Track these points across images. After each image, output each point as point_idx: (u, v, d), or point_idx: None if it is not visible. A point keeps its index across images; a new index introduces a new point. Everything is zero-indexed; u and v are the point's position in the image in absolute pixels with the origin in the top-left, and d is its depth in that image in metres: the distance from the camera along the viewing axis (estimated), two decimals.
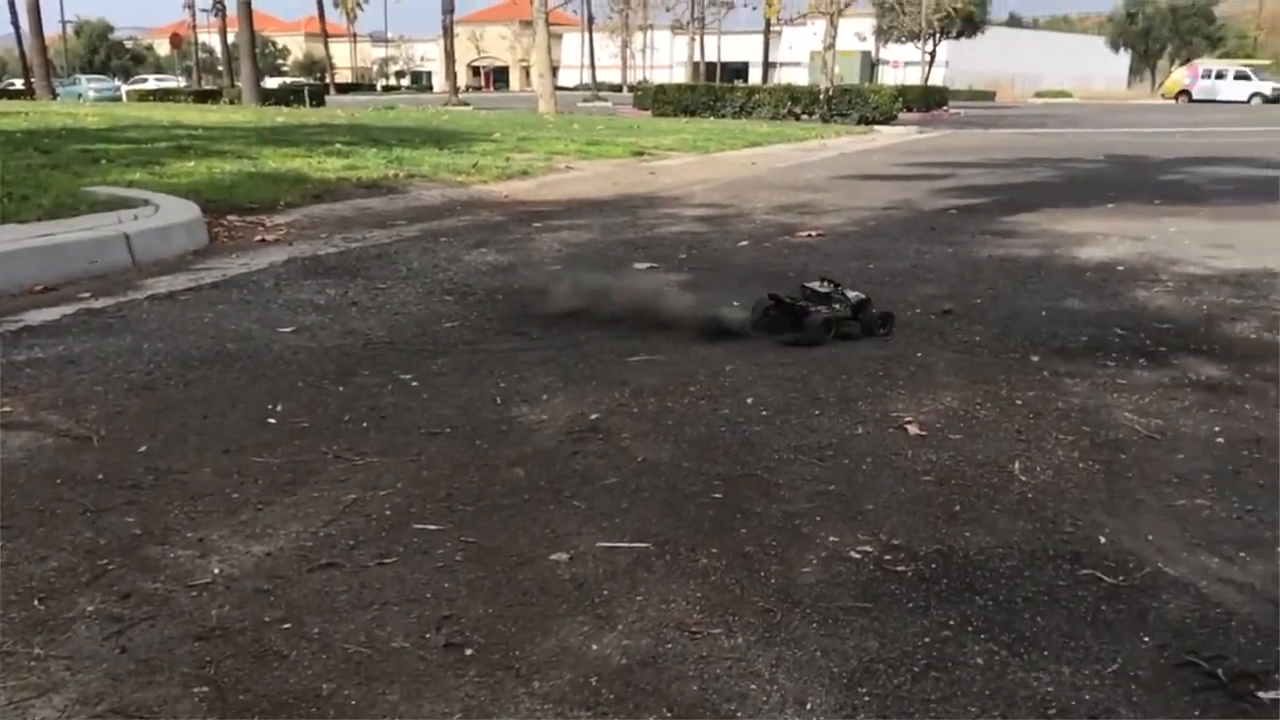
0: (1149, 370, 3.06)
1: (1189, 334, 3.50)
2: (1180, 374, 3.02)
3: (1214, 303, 4.00)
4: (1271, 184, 9.20)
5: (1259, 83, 48.81)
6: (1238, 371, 3.04)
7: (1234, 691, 1.43)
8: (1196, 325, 3.63)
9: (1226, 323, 3.67)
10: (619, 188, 8.62)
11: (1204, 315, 3.79)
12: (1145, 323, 3.66)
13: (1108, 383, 2.93)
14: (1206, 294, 4.17)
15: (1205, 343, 3.38)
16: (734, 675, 1.47)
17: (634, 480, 2.20)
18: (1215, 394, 2.82)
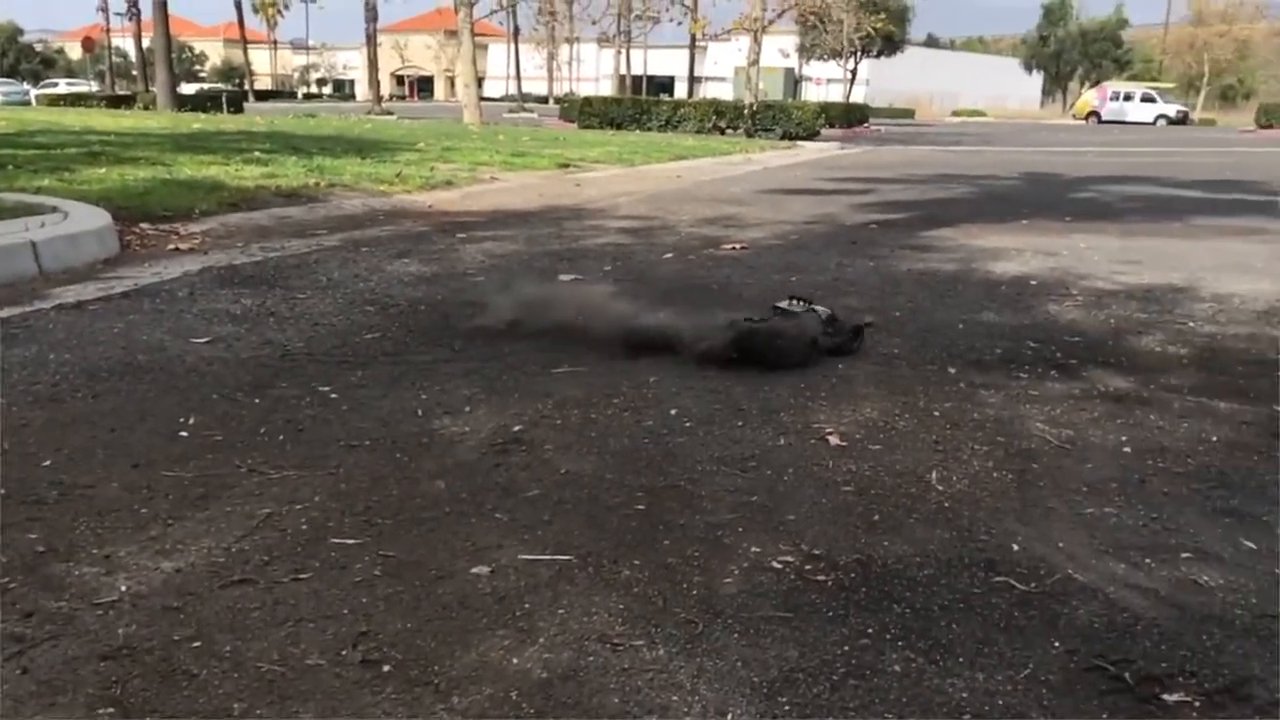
0: (1060, 382, 3.14)
1: (1098, 347, 3.60)
2: (1089, 386, 3.11)
3: (1121, 317, 4.13)
4: (1176, 203, 9.54)
5: (1164, 105, 50.68)
6: (1143, 383, 3.14)
7: (1140, 694, 1.47)
8: (1105, 338, 3.74)
9: (1133, 336, 3.79)
10: (544, 199, 8.60)
11: (1112, 329, 3.90)
12: (1057, 336, 3.76)
13: (1021, 394, 3.01)
14: (1114, 308, 4.30)
15: (1113, 355, 3.48)
16: (655, 687, 1.47)
17: (557, 492, 2.18)
18: (1122, 405, 2.91)
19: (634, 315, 3.60)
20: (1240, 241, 6.55)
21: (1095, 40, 74.14)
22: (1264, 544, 2.00)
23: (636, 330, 3.42)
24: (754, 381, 3.03)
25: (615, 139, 18.31)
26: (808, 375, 3.13)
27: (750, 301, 4.10)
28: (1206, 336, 3.79)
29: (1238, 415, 2.82)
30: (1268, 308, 4.33)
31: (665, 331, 3.38)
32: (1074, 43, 74.54)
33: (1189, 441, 2.61)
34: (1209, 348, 3.61)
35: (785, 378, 3.08)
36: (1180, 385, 3.13)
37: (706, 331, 3.32)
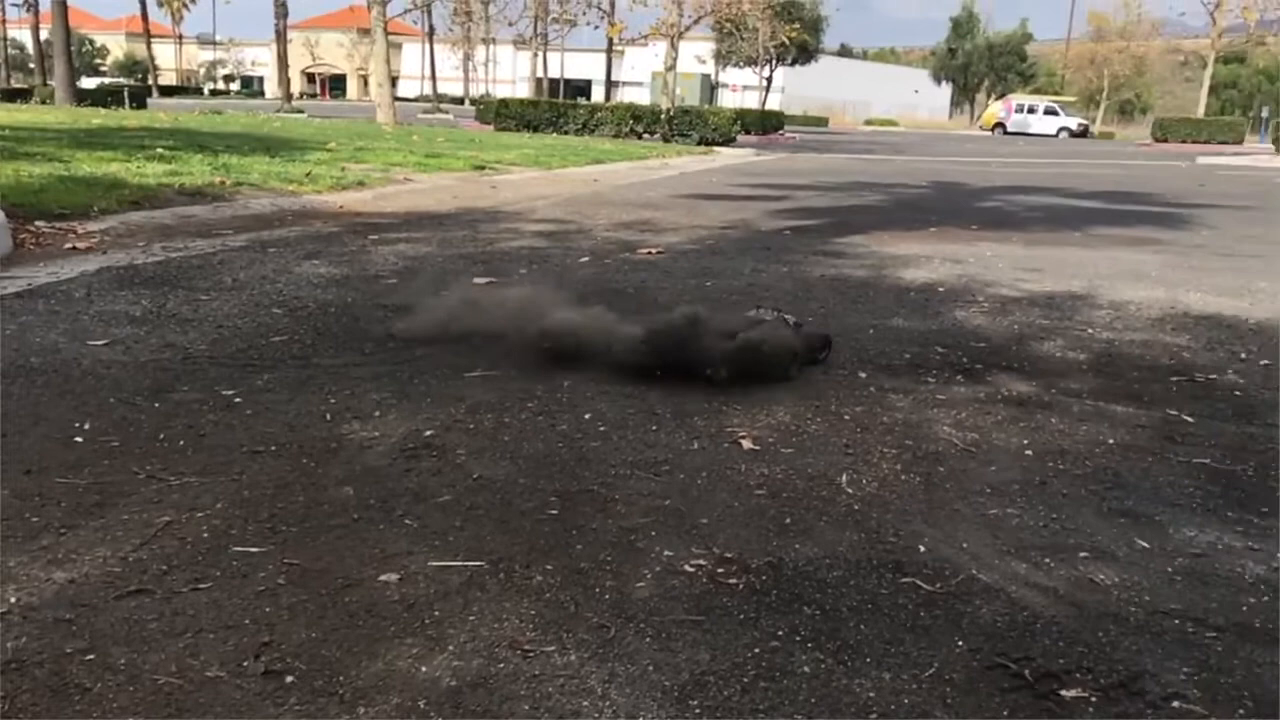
0: (966, 386, 3.22)
1: (1002, 352, 3.70)
2: (994, 390, 3.19)
3: (1024, 323, 4.25)
4: (1076, 213, 9.86)
5: (1065, 118, 52.43)
6: (1045, 387, 3.23)
7: (1039, 691, 1.51)
8: (1009, 344, 3.84)
9: (1035, 342, 3.90)
10: (459, 201, 8.52)
11: (1015, 335, 4.01)
12: (963, 341, 3.85)
13: (929, 398, 3.07)
14: (1018, 314, 4.42)
15: (1016, 360, 3.58)
16: (566, 693, 1.46)
17: (469, 498, 2.16)
18: (1024, 409, 2.99)
19: (571, 319, 3.51)
20: (1136, 251, 6.80)
21: (1001, 54, 76.30)
22: (1156, 543, 2.07)
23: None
24: (668, 386, 3.04)
25: (532, 142, 18.24)
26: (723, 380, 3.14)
27: (666, 307, 4.11)
28: (1104, 342, 3.92)
29: (1133, 419, 2.92)
30: (1161, 315, 4.50)
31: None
32: (981, 56, 76.61)
33: (1087, 444, 2.69)
34: (1106, 353, 3.74)
35: (700, 382, 3.09)
36: (1079, 390, 3.23)
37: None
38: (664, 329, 3.23)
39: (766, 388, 3.08)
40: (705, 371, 3.05)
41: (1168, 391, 3.23)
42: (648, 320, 3.41)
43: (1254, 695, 1.52)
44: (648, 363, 3.09)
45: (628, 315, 3.64)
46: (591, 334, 3.31)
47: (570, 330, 3.32)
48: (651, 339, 3.17)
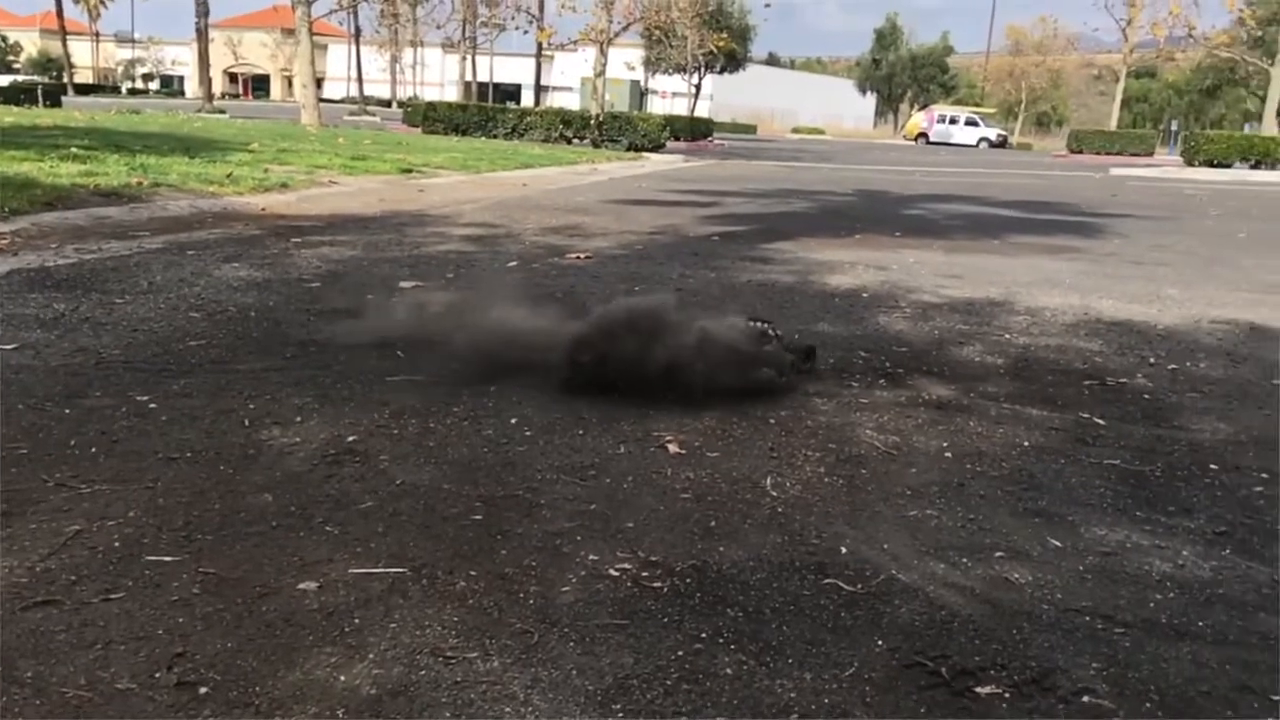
0: (888, 390, 3.27)
1: (923, 357, 3.77)
2: (915, 394, 3.25)
3: (945, 328, 4.34)
4: (995, 221, 10.10)
5: (986, 129, 53.68)
6: (964, 391, 3.30)
7: (955, 688, 1.54)
8: (930, 349, 3.92)
9: (955, 346, 3.98)
10: (386, 204, 8.42)
11: (936, 340, 4.09)
12: (886, 346, 3.91)
13: (852, 402, 3.12)
14: (938, 320, 4.51)
15: (937, 365, 3.65)
16: (489, 699, 1.45)
17: (391, 504, 2.13)
18: (944, 412, 3.05)
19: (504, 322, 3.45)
20: (1052, 259, 6.98)
21: (923, 65, 77.91)
22: (1068, 542, 2.12)
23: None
24: (595, 390, 3.03)
25: (460, 145, 18.11)
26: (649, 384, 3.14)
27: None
28: (1021, 347, 4.02)
29: (1047, 421, 3.00)
30: (1075, 321, 4.63)
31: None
32: (904, 67, 78.12)
33: (1004, 446, 2.75)
34: (1023, 358, 3.83)
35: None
36: (997, 393, 3.30)
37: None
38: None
39: (690, 392, 3.09)
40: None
41: (1080, 395, 3.33)
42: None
43: (1160, 689, 1.56)
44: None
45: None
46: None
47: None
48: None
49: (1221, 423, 3.07)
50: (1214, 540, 2.17)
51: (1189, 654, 1.68)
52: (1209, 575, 1.99)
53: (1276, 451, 2.80)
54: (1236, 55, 39.71)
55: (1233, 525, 2.25)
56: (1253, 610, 1.85)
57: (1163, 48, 43.67)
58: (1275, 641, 1.73)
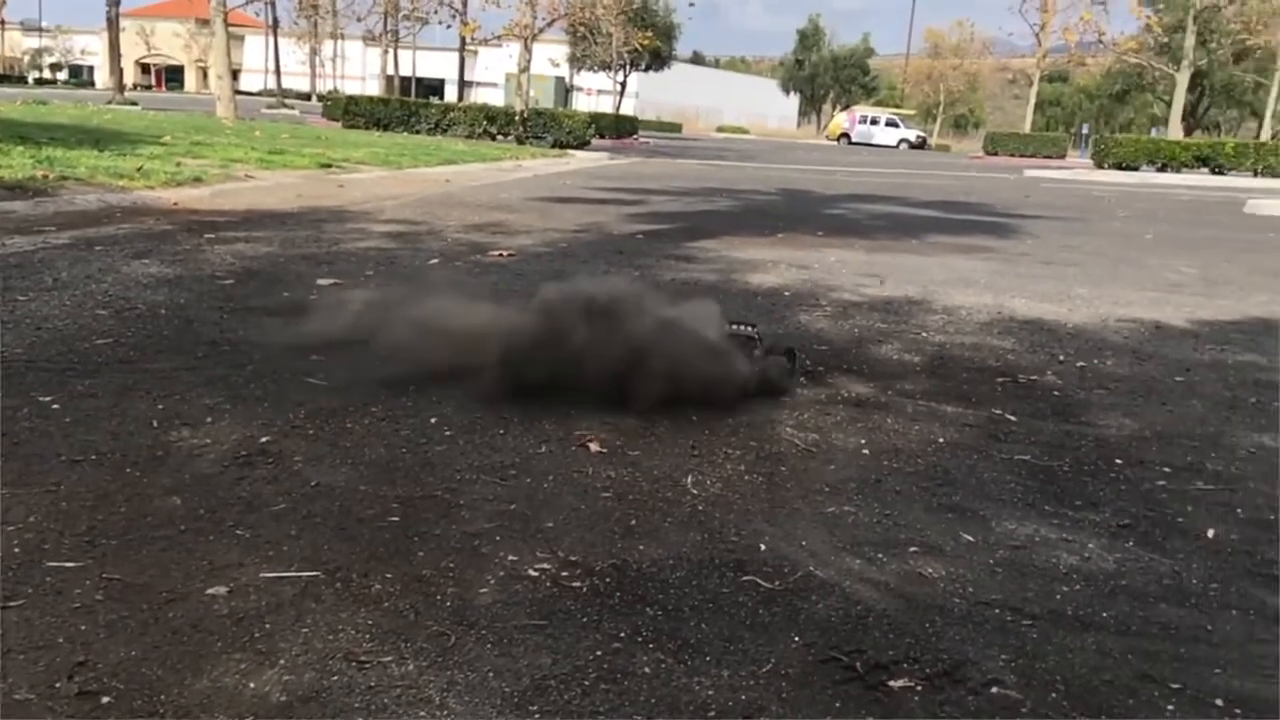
0: (808, 388, 3.31)
1: (843, 355, 3.82)
2: (835, 391, 3.29)
3: (864, 326, 4.40)
4: (914, 221, 10.29)
5: (906, 130, 54.72)
6: (882, 389, 3.35)
7: (869, 682, 1.56)
8: (849, 347, 3.97)
9: (874, 344, 4.04)
10: (304, 200, 8.26)
11: (856, 338, 4.15)
12: (807, 344, 3.95)
13: (773, 400, 3.14)
14: (858, 318, 4.58)
15: (856, 363, 3.70)
16: (403, 703, 1.43)
17: (305, 506, 2.09)
18: (863, 409, 3.10)
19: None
20: (967, 258, 7.14)
21: (845, 66, 79.03)
22: (980, 536, 2.17)
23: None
24: (517, 388, 3.01)
25: (382, 140, 17.86)
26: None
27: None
28: (937, 345, 4.10)
29: (961, 418, 3.06)
30: (989, 319, 4.73)
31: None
32: (826, 68, 79.15)
33: (919, 443, 2.80)
34: (939, 356, 3.91)
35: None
36: (914, 390, 3.36)
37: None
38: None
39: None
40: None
41: (994, 392, 3.40)
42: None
43: (1065, 680, 1.61)
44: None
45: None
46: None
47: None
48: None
49: (1127, 418, 3.17)
50: (1118, 533, 2.23)
51: (1093, 644, 1.72)
52: (1113, 567, 2.05)
53: (1178, 447, 2.90)
54: (1144, 61, 41.04)
55: (1136, 518, 2.32)
56: (1154, 601, 1.91)
57: (1074, 53, 44.86)
58: (1175, 631, 1.79)
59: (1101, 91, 65.64)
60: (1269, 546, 2.20)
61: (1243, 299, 5.78)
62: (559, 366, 2.91)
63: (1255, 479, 2.65)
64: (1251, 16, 37.31)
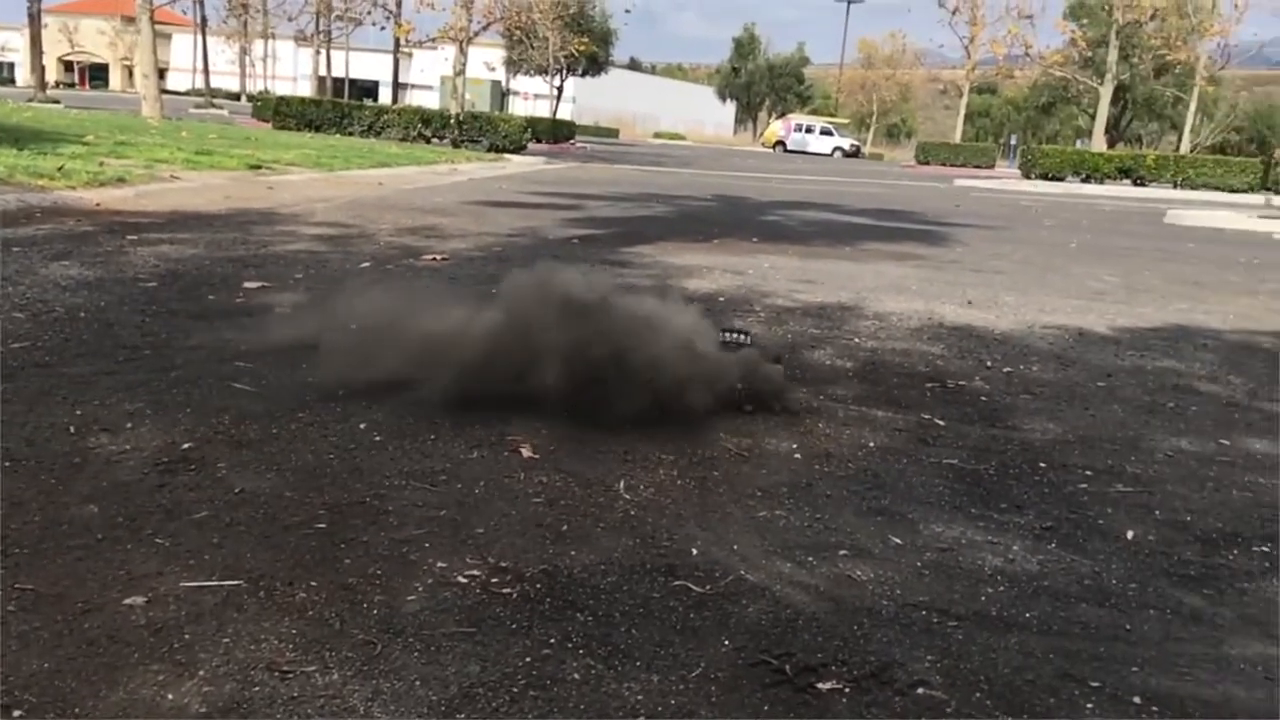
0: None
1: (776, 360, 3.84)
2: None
3: (797, 332, 4.44)
4: (847, 229, 10.42)
5: (840, 139, 55.37)
6: (814, 393, 3.38)
7: (797, 685, 1.57)
8: (783, 352, 3.99)
9: (807, 350, 4.08)
10: (232, 202, 8.10)
11: (789, 343, 4.18)
12: None
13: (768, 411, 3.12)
14: (792, 324, 4.62)
15: (789, 368, 3.71)
16: (327, 713, 1.40)
17: (228, 513, 2.04)
18: (794, 414, 3.12)
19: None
20: (899, 265, 7.24)
21: (781, 75, 79.78)
22: (908, 539, 2.20)
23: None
24: (450, 394, 2.97)
25: (313, 142, 17.59)
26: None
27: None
28: (869, 351, 4.15)
29: (891, 423, 3.10)
30: (919, 325, 4.81)
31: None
32: (762, 76, 79.82)
33: (850, 447, 2.83)
34: (870, 361, 3.96)
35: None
36: (845, 395, 3.40)
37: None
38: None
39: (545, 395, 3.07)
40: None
41: (923, 397, 3.45)
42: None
43: (989, 679, 1.63)
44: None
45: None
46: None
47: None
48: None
49: (1051, 423, 3.24)
50: (1041, 535, 2.28)
51: (1016, 645, 1.75)
52: (1036, 569, 2.09)
53: (1099, 450, 2.97)
54: (1069, 75, 42.10)
55: (1059, 520, 2.37)
56: (1075, 601, 1.95)
57: (1002, 65, 45.91)
58: (1095, 630, 1.83)
59: (1029, 103, 67.16)
60: (1185, 547, 2.26)
61: (1162, 306, 5.94)
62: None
63: (1173, 481, 2.72)
64: (1171, 33, 38.48)
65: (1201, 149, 44.57)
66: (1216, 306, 6.06)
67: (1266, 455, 3.03)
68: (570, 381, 2.81)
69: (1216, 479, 2.77)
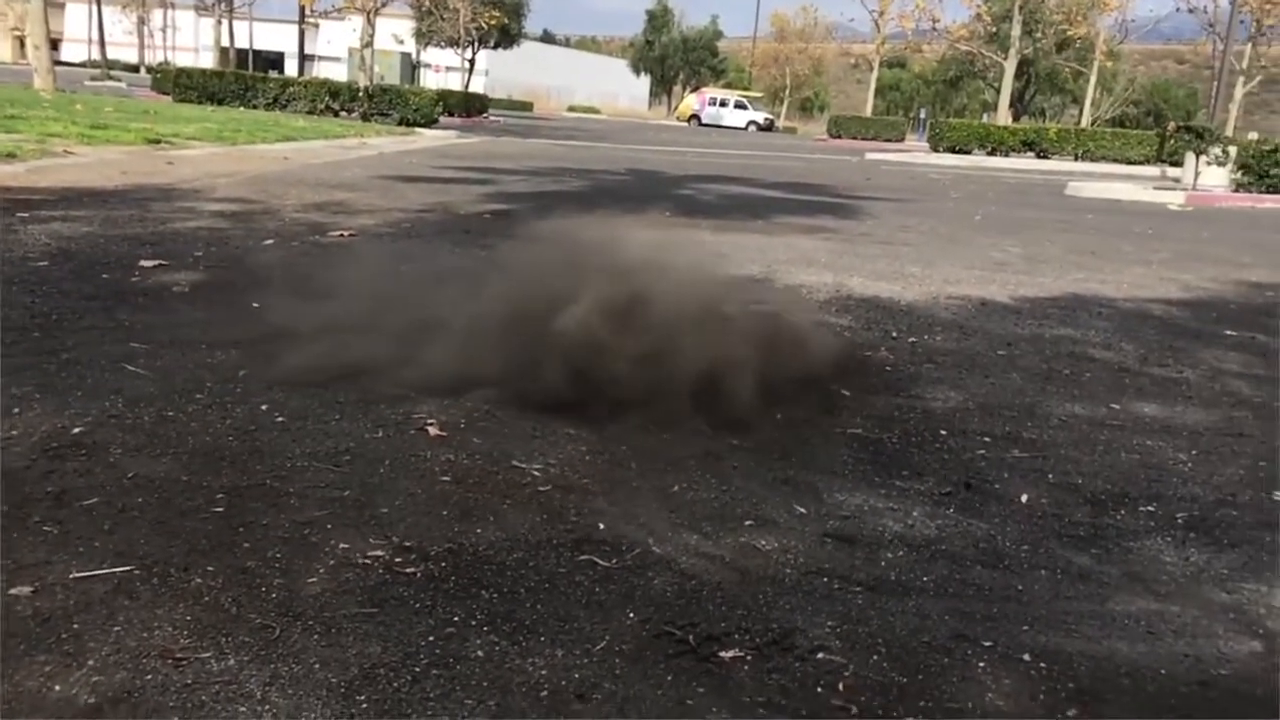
0: None
1: None
2: None
3: None
4: (760, 202, 10.49)
5: (754, 113, 55.63)
6: None
7: (701, 654, 1.59)
8: None
9: None
10: (129, 177, 7.82)
11: None
12: None
13: None
14: None
15: None
16: (222, 700, 1.38)
17: (121, 499, 1.99)
18: None
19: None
20: (810, 238, 7.32)
21: (694, 48, 79.73)
22: (812, 508, 2.24)
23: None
24: (351, 373, 2.93)
25: (216, 115, 17.07)
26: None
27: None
28: None
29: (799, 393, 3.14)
30: (828, 297, 4.87)
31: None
32: (676, 49, 79.67)
33: (758, 419, 2.86)
34: None
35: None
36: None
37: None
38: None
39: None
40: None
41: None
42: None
43: (887, 642, 1.67)
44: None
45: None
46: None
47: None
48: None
49: (953, 391, 3.32)
50: (940, 500, 2.34)
51: (914, 607, 1.80)
52: (934, 533, 2.15)
53: (998, 417, 3.05)
54: (975, 49, 42.87)
55: (957, 486, 2.44)
56: (970, 564, 2.01)
57: (910, 40, 46.56)
58: (989, 591, 1.89)
59: (937, 77, 68.22)
60: (1076, 509, 2.35)
61: (1060, 276, 6.12)
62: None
63: (1066, 446, 2.82)
64: (1072, 8, 39.49)
65: (1101, 122, 45.83)
66: (1112, 276, 6.27)
67: (1155, 418, 3.15)
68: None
69: (1107, 442, 2.87)
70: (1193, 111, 50.94)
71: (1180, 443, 2.91)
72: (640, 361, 2.81)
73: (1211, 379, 3.71)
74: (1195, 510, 2.39)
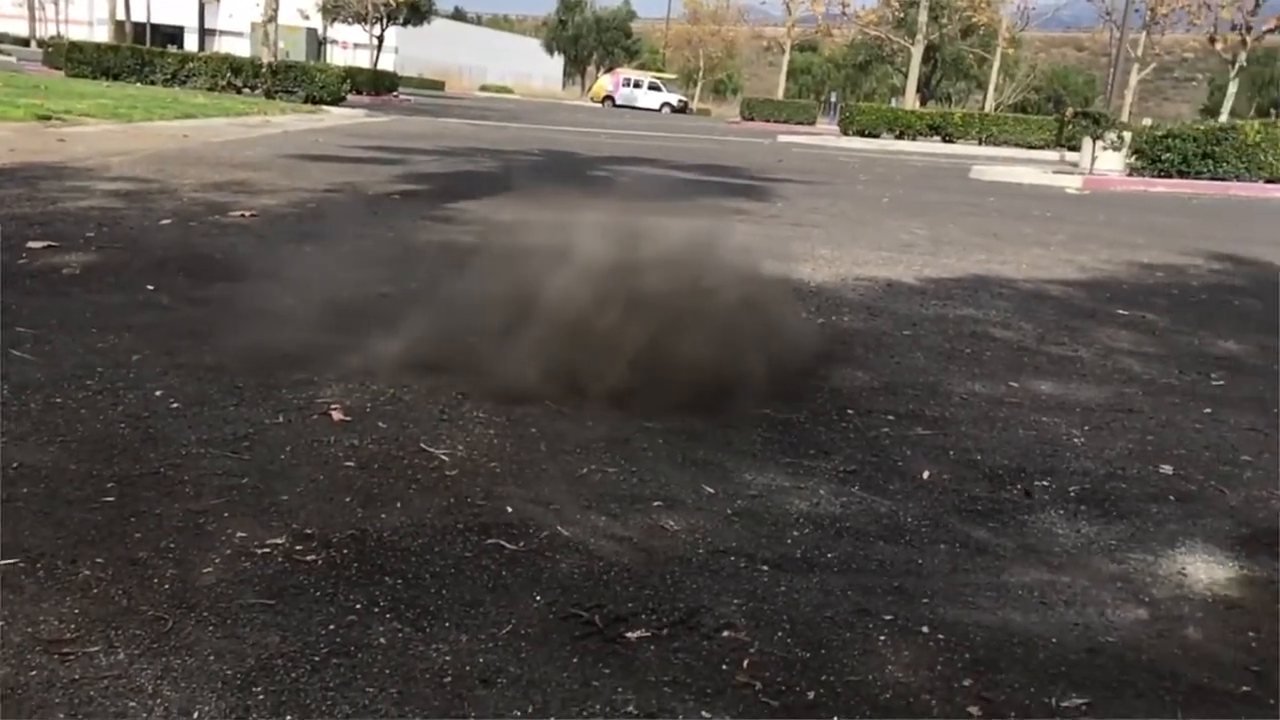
0: None
1: None
2: None
3: None
4: (673, 183, 10.50)
5: (668, 94, 55.69)
6: None
7: (607, 635, 1.59)
8: None
9: None
10: (17, 155, 7.49)
11: None
12: None
13: None
14: None
15: None
16: (110, 695, 1.33)
17: (4, 489, 1.91)
18: None
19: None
20: (722, 221, 7.35)
21: (608, 29, 79.43)
22: (720, 488, 2.25)
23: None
24: (252, 360, 2.85)
25: (111, 91, 16.45)
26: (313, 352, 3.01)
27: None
28: None
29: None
30: None
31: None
32: (590, 29, 79.27)
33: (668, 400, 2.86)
34: None
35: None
36: None
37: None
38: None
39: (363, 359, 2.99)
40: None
41: None
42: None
43: (791, 619, 1.70)
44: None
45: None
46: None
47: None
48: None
49: (859, 371, 3.37)
50: (845, 478, 2.37)
51: (818, 584, 1.83)
52: (839, 510, 2.18)
53: (902, 396, 3.11)
54: (883, 34, 43.50)
55: (862, 464, 2.48)
56: (873, 539, 2.04)
57: (821, 24, 46.98)
58: (891, 566, 1.93)
59: (847, 61, 69.12)
60: (975, 484, 2.41)
61: (964, 257, 6.26)
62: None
63: (966, 423, 2.89)
64: None
65: (1004, 107, 46.96)
66: (1012, 257, 6.43)
67: (1050, 395, 3.25)
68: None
69: (1005, 419, 2.95)
70: (1091, 98, 52.67)
71: (1074, 419, 3.01)
72: (548, 344, 2.79)
73: (1104, 357, 3.84)
74: (1087, 484, 2.47)
